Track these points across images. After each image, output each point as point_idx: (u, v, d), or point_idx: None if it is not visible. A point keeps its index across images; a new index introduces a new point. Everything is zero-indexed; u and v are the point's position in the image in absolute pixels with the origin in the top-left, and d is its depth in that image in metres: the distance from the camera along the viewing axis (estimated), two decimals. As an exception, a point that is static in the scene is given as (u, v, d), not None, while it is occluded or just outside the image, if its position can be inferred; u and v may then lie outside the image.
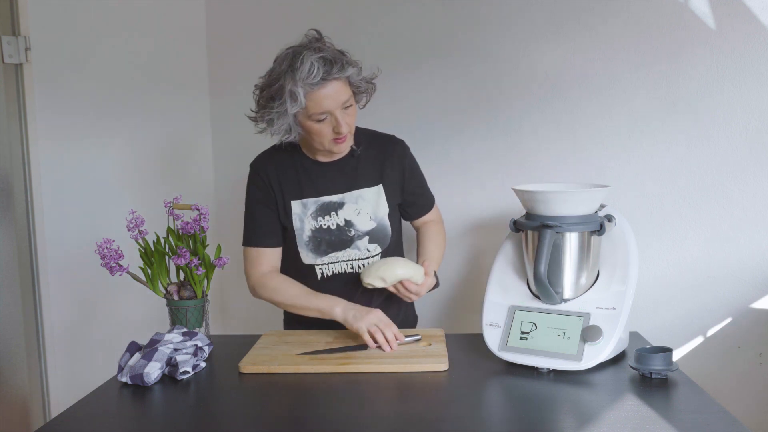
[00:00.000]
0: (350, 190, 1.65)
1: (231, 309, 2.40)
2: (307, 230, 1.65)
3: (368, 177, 1.67)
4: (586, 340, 1.37)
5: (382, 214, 1.66)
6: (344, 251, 1.65)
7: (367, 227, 1.65)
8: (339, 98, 1.51)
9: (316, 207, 1.65)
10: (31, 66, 2.05)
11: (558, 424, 1.16)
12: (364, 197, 1.66)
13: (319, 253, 1.65)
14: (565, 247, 1.43)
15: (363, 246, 1.65)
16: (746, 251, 1.80)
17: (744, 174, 1.78)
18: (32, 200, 2.10)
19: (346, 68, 1.51)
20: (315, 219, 1.65)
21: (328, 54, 1.50)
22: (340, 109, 1.53)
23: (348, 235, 1.64)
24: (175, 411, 1.27)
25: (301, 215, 1.65)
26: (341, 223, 1.64)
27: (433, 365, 1.40)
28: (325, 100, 1.50)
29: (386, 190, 1.68)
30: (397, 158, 1.70)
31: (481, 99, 2.01)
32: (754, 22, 1.73)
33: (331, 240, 1.64)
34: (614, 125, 1.88)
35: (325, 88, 1.49)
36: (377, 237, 1.65)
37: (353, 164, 1.67)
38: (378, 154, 1.68)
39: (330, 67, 1.48)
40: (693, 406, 1.21)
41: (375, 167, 1.67)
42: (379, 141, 1.71)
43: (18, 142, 2.09)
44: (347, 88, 1.54)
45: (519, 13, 1.94)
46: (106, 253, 1.54)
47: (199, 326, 1.60)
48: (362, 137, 1.69)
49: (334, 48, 1.55)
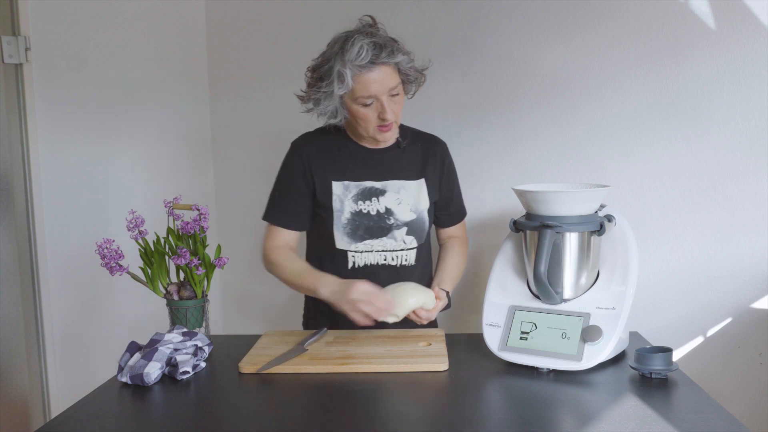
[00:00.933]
0: (393, 179, 1.66)
1: (231, 309, 2.40)
2: (346, 212, 1.63)
3: (411, 170, 1.68)
4: (586, 340, 1.37)
5: (422, 208, 1.66)
6: (380, 240, 1.63)
7: (407, 218, 1.64)
8: (386, 83, 1.52)
9: (357, 191, 1.64)
10: (31, 66, 2.05)
11: (558, 424, 1.16)
12: (406, 188, 1.66)
13: (355, 238, 1.63)
14: (565, 247, 1.43)
15: (400, 237, 1.64)
16: (746, 251, 1.80)
17: (744, 174, 1.78)
18: (32, 200, 2.10)
19: (396, 54, 1.52)
20: (355, 202, 1.63)
21: (378, 39, 1.52)
22: (387, 95, 1.53)
23: (387, 222, 1.63)
24: (175, 411, 1.26)
25: (341, 196, 1.63)
26: (381, 210, 1.63)
27: (433, 365, 1.40)
28: (372, 84, 1.50)
29: (428, 184, 1.69)
30: (439, 157, 1.71)
31: (481, 99, 2.01)
32: (754, 22, 1.73)
33: (369, 225, 1.62)
34: (614, 125, 1.88)
35: (372, 71, 1.50)
36: (415, 229, 1.65)
37: (398, 155, 1.67)
38: (421, 150, 1.70)
39: (379, 51, 1.50)
40: (693, 406, 1.21)
41: (418, 162, 1.68)
42: (423, 138, 1.73)
43: (18, 142, 2.09)
44: (395, 74, 1.54)
45: (519, 12, 1.94)
46: (106, 253, 1.54)
47: (199, 326, 1.60)
48: (407, 132, 1.71)
49: (387, 35, 1.56)
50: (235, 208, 2.36)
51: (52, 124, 2.11)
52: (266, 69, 2.24)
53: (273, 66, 2.22)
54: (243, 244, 2.34)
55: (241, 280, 2.37)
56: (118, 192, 2.20)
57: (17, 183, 2.09)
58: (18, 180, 2.09)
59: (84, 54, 2.14)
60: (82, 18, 2.12)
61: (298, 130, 2.21)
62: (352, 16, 2.09)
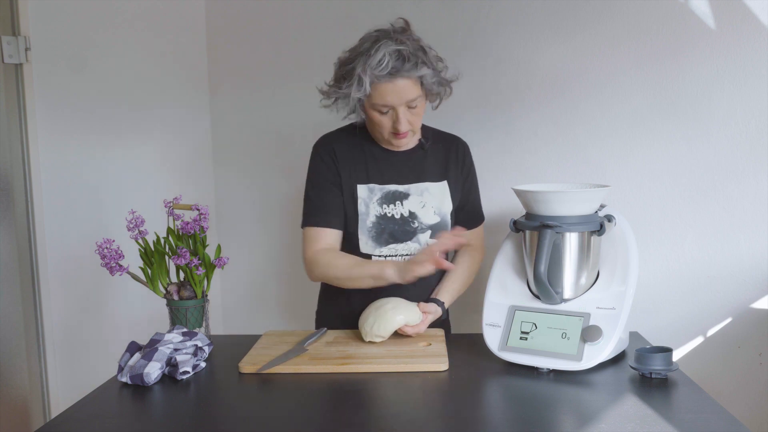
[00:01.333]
0: (417, 182, 1.63)
1: (231, 309, 2.40)
2: (372, 216, 1.60)
3: (434, 172, 1.65)
4: (586, 340, 1.37)
5: (446, 211, 1.64)
6: (405, 244, 1.61)
7: (432, 221, 1.62)
8: (405, 96, 1.48)
9: (382, 194, 1.61)
10: (31, 66, 2.05)
11: (558, 424, 1.16)
12: (430, 191, 1.63)
13: (380, 242, 1.60)
14: (565, 247, 1.43)
15: (424, 240, 1.62)
16: (746, 251, 1.80)
17: (744, 174, 1.78)
18: (32, 200, 2.10)
19: (420, 68, 1.47)
20: (380, 206, 1.60)
21: (406, 48, 1.46)
22: (404, 106, 1.50)
23: (412, 226, 1.61)
24: (175, 411, 1.26)
25: (366, 200, 1.60)
26: (405, 214, 1.60)
27: (433, 365, 1.40)
28: (389, 95, 1.47)
29: (451, 186, 1.66)
30: (461, 157, 1.69)
31: (481, 99, 2.01)
32: (754, 22, 1.73)
33: (394, 230, 1.60)
34: (614, 125, 1.88)
35: (391, 83, 1.46)
36: (438, 232, 1.62)
37: (420, 157, 1.65)
38: (444, 150, 1.67)
39: (402, 63, 1.45)
40: (693, 406, 1.21)
41: (440, 163, 1.66)
42: (446, 139, 1.70)
43: (18, 142, 2.09)
44: (417, 87, 1.49)
45: (519, 12, 1.94)
46: (106, 253, 1.54)
47: (199, 326, 1.60)
48: (429, 133, 1.69)
49: (418, 43, 1.51)
50: (235, 208, 2.36)
51: (52, 124, 2.11)
52: (266, 69, 2.24)
53: (273, 66, 2.22)
54: (243, 244, 2.34)
55: (241, 280, 2.37)
56: (118, 192, 2.20)
57: (17, 183, 2.09)
58: (18, 180, 2.09)
59: (84, 54, 2.14)
60: (82, 18, 2.12)
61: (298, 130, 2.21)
62: (353, 16, 2.10)
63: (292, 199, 2.28)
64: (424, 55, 1.50)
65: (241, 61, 2.26)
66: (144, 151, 2.26)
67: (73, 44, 2.12)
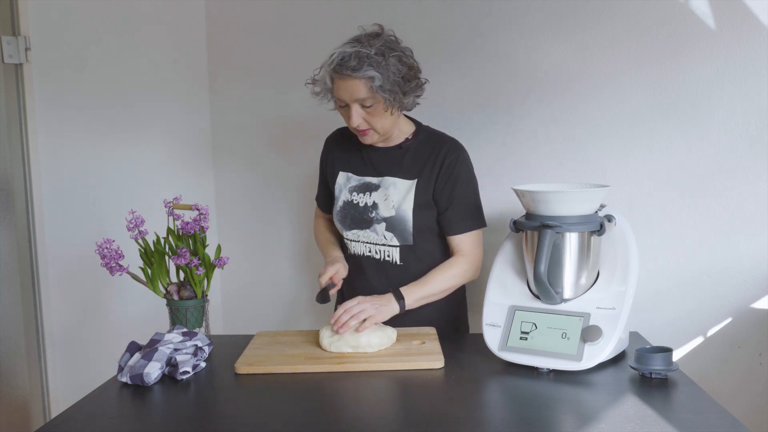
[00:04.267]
0: (388, 176, 1.69)
1: (231, 309, 2.40)
2: (341, 201, 1.73)
3: (408, 170, 1.68)
4: (586, 340, 1.37)
5: (406, 207, 1.66)
6: (364, 231, 1.70)
7: (387, 214, 1.66)
8: (354, 94, 1.55)
9: (358, 183, 1.72)
10: (31, 66, 2.05)
11: (558, 424, 1.16)
12: (396, 186, 1.67)
13: (345, 226, 1.73)
14: (565, 247, 1.43)
15: (380, 231, 1.68)
16: (746, 251, 1.80)
17: (744, 174, 1.78)
18: (32, 200, 2.10)
19: (365, 70, 1.51)
20: (350, 193, 1.72)
21: (362, 51, 1.51)
22: (357, 104, 1.57)
23: (369, 216, 1.68)
24: (175, 411, 1.27)
25: (341, 186, 1.74)
26: (370, 204, 1.69)
27: (429, 363, 1.41)
28: (340, 90, 1.56)
29: (419, 186, 1.66)
30: (441, 158, 1.67)
31: (481, 99, 2.01)
32: (754, 22, 1.73)
33: (354, 216, 1.70)
34: (614, 125, 1.88)
35: (342, 80, 1.54)
36: (394, 226, 1.66)
37: (400, 155, 1.70)
38: (428, 151, 1.69)
39: (347, 62, 1.51)
40: (693, 406, 1.21)
41: (418, 163, 1.68)
42: (436, 141, 1.70)
43: (18, 142, 2.09)
44: (366, 89, 1.53)
45: (519, 13, 1.94)
46: (106, 253, 1.54)
47: (199, 326, 1.60)
48: (423, 134, 1.72)
49: (385, 48, 1.54)
50: (235, 208, 2.36)
51: (52, 123, 2.11)
52: (266, 69, 2.24)
53: (273, 66, 2.22)
54: (243, 244, 2.34)
55: (241, 280, 2.37)
56: (118, 192, 2.20)
57: (17, 183, 2.09)
58: (18, 180, 2.09)
59: (84, 54, 2.14)
60: (82, 18, 2.12)
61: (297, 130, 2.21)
62: (353, 16, 2.09)
63: (292, 199, 2.28)
64: (382, 60, 1.53)
65: (241, 60, 2.26)
66: (144, 150, 2.26)
67: (73, 44, 2.12)
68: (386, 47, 1.55)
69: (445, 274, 1.65)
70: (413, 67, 1.61)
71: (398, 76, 1.55)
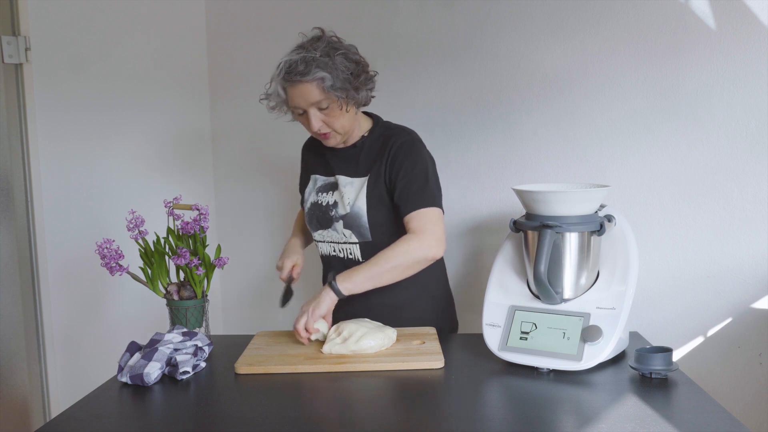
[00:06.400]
0: (344, 175, 1.71)
1: (231, 309, 2.40)
2: (308, 202, 1.77)
3: (360, 168, 1.69)
4: (586, 340, 1.37)
5: (360, 204, 1.66)
6: (327, 231, 1.72)
7: (343, 212, 1.68)
8: (308, 98, 1.56)
9: (322, 183, 1.76)
10: (31, 66, 2.06)
11: (558, 424, 1.16)
12: (352, 184, 1.69)
13: (312, 226, 1.76)
14: (565, 247, 1.43)
15: (340, 229, 1.69)
16: (746, 251, 1.80)
17: (744, 174, 1.78)
18: (32, 200, 2.11)
19: (314, 72, 1.52)
20: (317, 194, 1.75)
21: (307, 55, 1.53)
22: (314, 108, 1.57)
23: (330, 214, 1.71)
24: (175, 411, 1.27)
25: (311, 188, 1.78)
26: (331, 203, 1.71)
27: (429, 363, 1.41)
28: (295, 98, 1.57)
29: (370, 182, 1.66)
30: (388, 150, 1.65)
31: (481, 99, 2.01)
32: (754, 22, 1.73)
33: (319, 216, 1.73)
34: (614, 125, 1.88)
35: (294, 87, 1.55)
36: (350, 224, 1.67)
37: (355, 154, 1.71)
38: (379, 147, 1.68)
39: (295, 68, 1.53)
40: (693, 406, 1.21)
41: (369, 160, 1.68)
42: (386, 134, 1.70)
43: (18, 142, 2.09)
44: (319, 90, 1.55)
45: (519, 13, 1.94)
46: (106, 253, 1.54)
47: (199, 326, 1.60)
48: (379, 130, 1.71)
49: (329, 48, 1.55)
50: (235, 208, 2.36)
51: (52, 123, 2.11)
52: (266, 69, 2.21)
53: (273, 66, 2.21)
54: (243, 244, 2.34)
55: (241, 280, 2.37)
56: (118, 192, 2.20)
57: (17, 183, 2.09)
58: (18, 180, 2.09)
59: (84, 54, 2.14)
60: (82, 18, 2.12)
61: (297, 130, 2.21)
62: (353, 16, 2.10)
63: (292, 199, 2.28)
64: (329, 60, 1.54)
65: (241, 61, 2.26)
66: (144, 150, 2.26)
67: (73, 44, 2.12)
68: (330, 48, 1.57)
69: (388, 252, 1.57)
70: (360, 62, 1.62)
71: (347, 73, 1.57)
